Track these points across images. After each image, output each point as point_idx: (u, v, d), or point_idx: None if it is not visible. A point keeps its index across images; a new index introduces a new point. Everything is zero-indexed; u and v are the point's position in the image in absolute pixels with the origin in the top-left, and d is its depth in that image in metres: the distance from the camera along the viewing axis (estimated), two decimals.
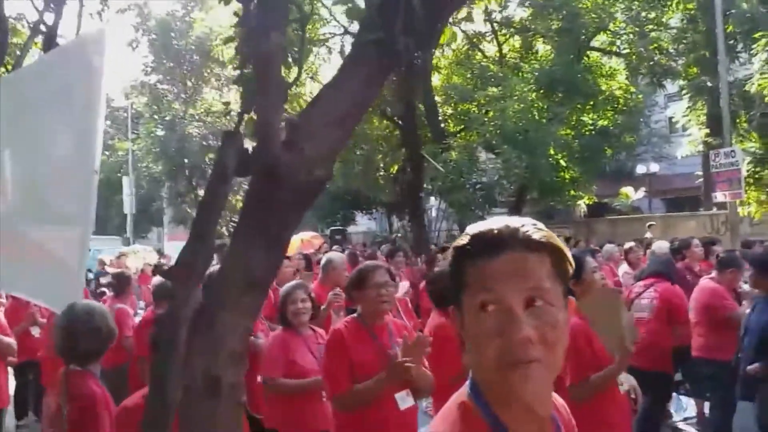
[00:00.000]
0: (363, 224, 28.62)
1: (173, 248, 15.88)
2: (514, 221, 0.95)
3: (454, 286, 0.98)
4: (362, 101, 1.75)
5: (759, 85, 11.89)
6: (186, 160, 25.77)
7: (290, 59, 2.40)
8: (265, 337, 3.97)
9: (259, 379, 3.50)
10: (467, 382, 1.00)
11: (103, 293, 7.89)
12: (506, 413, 0.93)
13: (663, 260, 5.67)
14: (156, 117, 26.43)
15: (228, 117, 25.74)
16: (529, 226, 0.94)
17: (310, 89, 17.58)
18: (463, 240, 0.97)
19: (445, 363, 3.05)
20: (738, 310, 4.86)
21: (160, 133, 26.12)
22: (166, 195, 28.81)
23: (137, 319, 6.00)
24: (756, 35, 12.05)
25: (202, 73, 26.33)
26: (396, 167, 17.64)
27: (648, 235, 8.49)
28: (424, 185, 15.70)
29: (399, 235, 21.43)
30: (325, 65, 18.58)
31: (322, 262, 5.32)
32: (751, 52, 12.71)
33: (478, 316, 0.92)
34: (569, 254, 0.96)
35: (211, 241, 1.97)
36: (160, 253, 16.59)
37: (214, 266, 2.32)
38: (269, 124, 1.49)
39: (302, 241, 11.53)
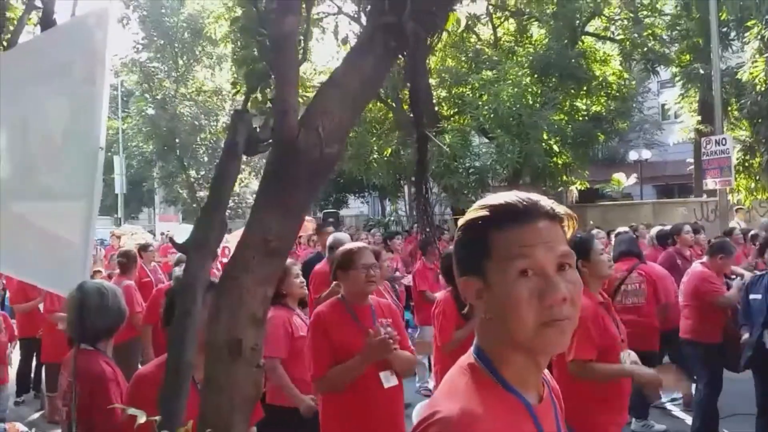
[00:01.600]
0: (355, 207, 28.60)
1: (165, 229, 15.81)
2: (531, 195, 1.04)
3: (475, 256, 1.03)
4: (372, 82, 1.81)
5: (751, 73, 11.98)
6: (177, 140, 25.60)
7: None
8: None
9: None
10: (472, 347, 1.07)
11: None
12: (508, 373, 1.02)
13: (627, 239, 5.75)
14: (147, 96, 26.17)
15: (219, 96, 25.65)
16: (546, 199, 1.04)
17: (303, 69, 17.44)
18: (484, 211, 1.04)
19: (447, 333, 3.72)
20: (725, 294, 4.98)
21: (150, 112, 25.89)
22: (158, 175, 28.61)
23: None
24: (749, 23, 12.12)
25: (193, 51, 26.07)
26: (390, 150, 17.58)
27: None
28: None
29: (392, 218, 21.45)
30: (318, 45, 18.39)
31: (328, 242, 5.29)
32: (744, 40, 12.81)
33: (516, 282, 0.99)
34: (575, 220, 1.07)
35: (222, 216, 2.02)
36: (153, 234, 16.55)
37: None
38: (286, 102, 1.54)
39: None
